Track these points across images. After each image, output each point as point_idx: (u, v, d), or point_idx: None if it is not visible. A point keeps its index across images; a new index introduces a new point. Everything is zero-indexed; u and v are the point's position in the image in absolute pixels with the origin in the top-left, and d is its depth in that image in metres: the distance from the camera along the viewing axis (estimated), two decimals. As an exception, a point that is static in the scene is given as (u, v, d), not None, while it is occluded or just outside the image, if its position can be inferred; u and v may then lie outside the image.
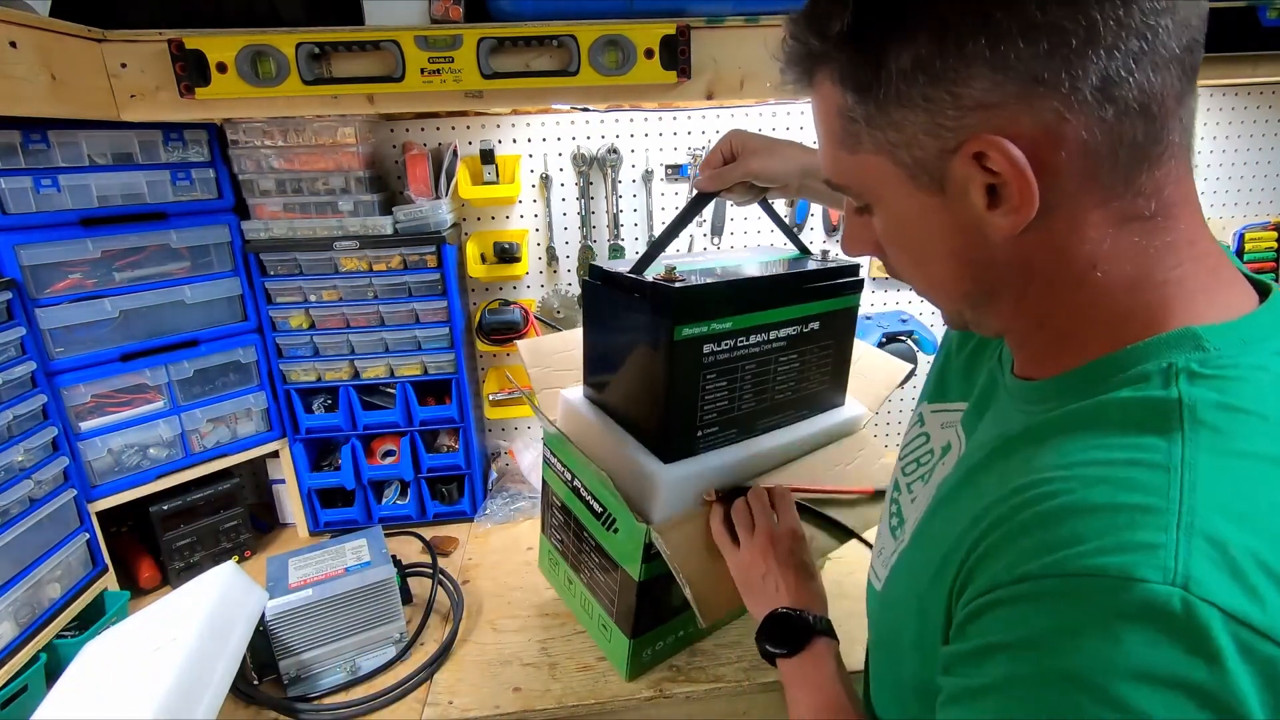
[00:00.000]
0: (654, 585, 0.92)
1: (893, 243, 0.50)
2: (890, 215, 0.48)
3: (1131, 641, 0.33)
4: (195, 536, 1.26)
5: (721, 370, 0.87)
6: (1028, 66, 0.38)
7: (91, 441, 1.13)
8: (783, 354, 0.93)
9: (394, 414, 1.35)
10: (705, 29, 1.00)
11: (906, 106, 0.41)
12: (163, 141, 1.14)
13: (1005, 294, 0.46)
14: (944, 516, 0.50)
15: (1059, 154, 0.39)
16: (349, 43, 0.96)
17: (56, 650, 1.01)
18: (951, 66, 0.39)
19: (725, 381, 0.88)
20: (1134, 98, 0.38)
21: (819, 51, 0.45)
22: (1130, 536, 0.34)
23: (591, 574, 1.01)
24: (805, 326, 0.93)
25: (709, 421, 0.88)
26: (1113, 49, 0.37)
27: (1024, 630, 0.37)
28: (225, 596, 0.95)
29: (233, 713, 0.96)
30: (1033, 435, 0.44)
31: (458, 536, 1.38)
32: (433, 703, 0.98)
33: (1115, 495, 0.36)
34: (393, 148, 1.38)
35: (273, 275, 1.27)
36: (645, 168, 1.43)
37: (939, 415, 0.64)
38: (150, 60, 0.96)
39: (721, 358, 0.86)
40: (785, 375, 0.94)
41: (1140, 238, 0.42)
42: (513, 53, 0.99)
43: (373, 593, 1.02)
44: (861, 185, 0.48)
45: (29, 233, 1.02)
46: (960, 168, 0.41)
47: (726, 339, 0.85)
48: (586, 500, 0.97)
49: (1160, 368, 0.40)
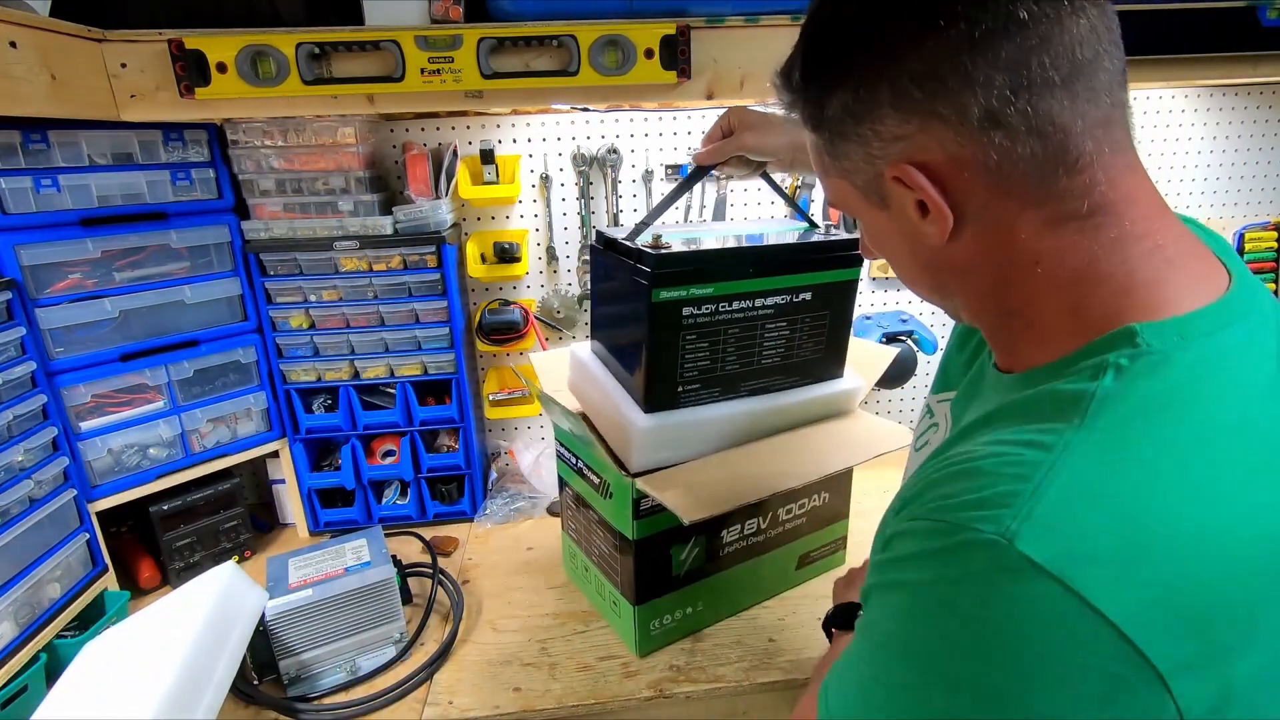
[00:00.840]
0: (650, 546, 0.99)
1: (877, 248, 0.58)
2: (865, 227, 0.57)
3: (949, 577, 0.41)
4: (195, 536, 1.26)
5: (702, 332, 0.93)
6: (924, 105, 0.45)
7: (91, 441, 1.13)
8: (770, 321, 0.98)
9: (394, 414, 1.35)
10: (705, 29, 1.00)
11: (846, 140, 0.50)
12: (163, 141, 1.14)
13: (960, 290, 0.53)
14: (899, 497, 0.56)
15: (962, 174, 0.46)
16: (349, 43, 0.96)
17: (56, 650, 1.01)
18: (867, 109, 0.47)
19: (706, 343, 0.94)
20: (1020, 123, 0.43)
21: (788, 100, 0.54)
22: (988, 498, 0.40)
23: (600, 552, 1.08)
24: (795, 296, 0.98)
25: (690, 379, 0.95)
26: (988, 85, 0.43)
27: (903, 552, 0.45)
28: (225, 596, 0.95)
29: (233, 713, 0.96)
30: (989, 419, 0.49)
31: (458, 536, 1.38)
32: (433, 703, 0.98)
33: (998, 467, 0.42)
34: (393, 148, 1.38)
35: (273, 275, 1.27)
36: (645, 168, 1.43)
37: (942, 405, 0.69)
38: (150, 60, 0.96)
39: (702, 320, 0.92)
40: (773, 341, 0.99)
41: (1080, 235, 0.46)
42: (513, 53, 0.99)
43: (373, 593, 1.02)
44: (842, 203, 0.56)
45: (29, 233, 1.02)
46: (891, 188, 0.49)
47: (707, 303, 0.92)
48: (588, 476, 1.06)
49: (1094, 363, 0.44)
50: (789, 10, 1.00)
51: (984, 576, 0.39)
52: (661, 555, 1.01)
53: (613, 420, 0.99)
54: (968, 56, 0.43)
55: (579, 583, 1.20)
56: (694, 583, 1.05)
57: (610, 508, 1.01)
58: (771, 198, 1.48)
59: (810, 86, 0.51)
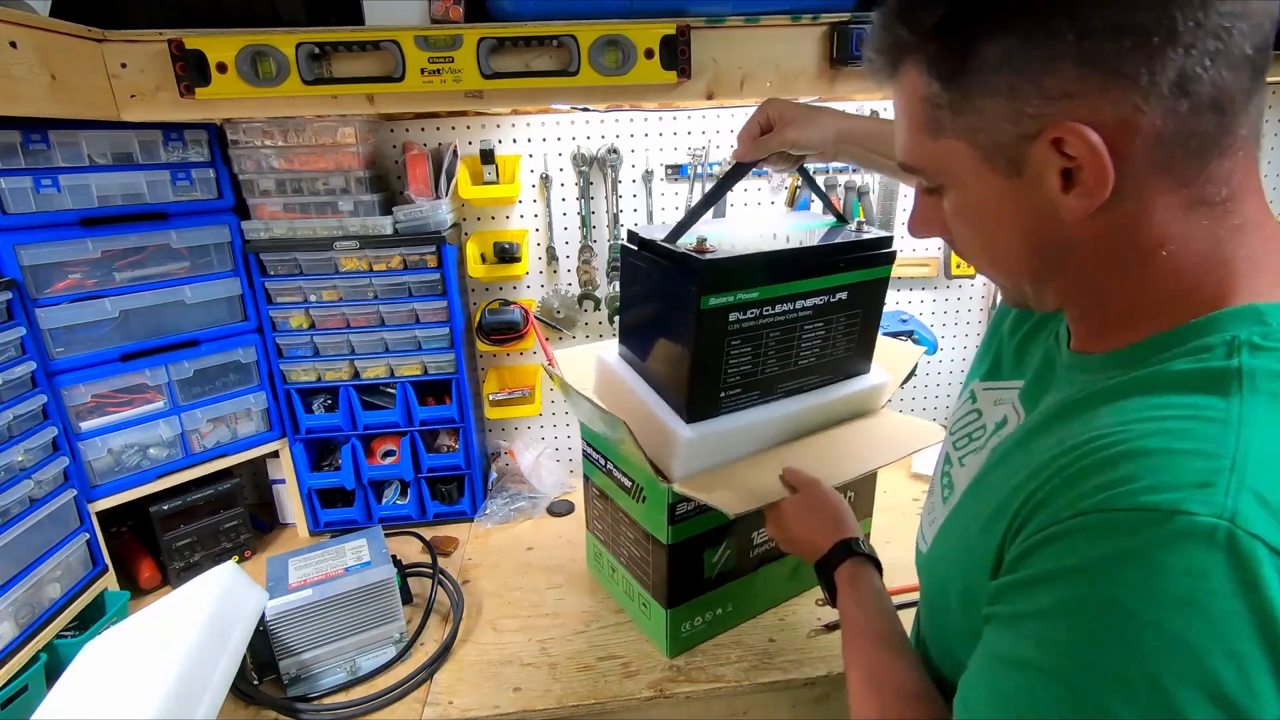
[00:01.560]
0: (683, 550, 0.98)
1: (964, 223, 0.52)
2: (965, 197, 0.50)
3: (1173, 570, 0.35)
4: (195, 536, 1.26)
5: (746, 337, 0.91)
6: (1111, 62, 0.40)
7: (91, 441, 1.13)
8: (808, 322, 0.96)
9: (394, 414, 1.35)
10: (705, 29, 1.00)
11: (991, 95, 0.44)
12: (163, 141, 1.14)
13: (1070, 271, 0.49)
14: (998, 475, 0.53)
15: (1134, 143, 0.42)
16: (349, 43, 0.96)
17: (56, 650, 1.01)
18: (1040, 60, 0.42)
19: (750, 347, 0.92)
20: (1207, 93, 0.40)
21: (907, 42, 0.48)
22: (1181, 476, 0.37)
23: (629, 553, 1.08)
24: (833, 296, 0.97)
25: (732, 384, 0.93)
26: (1190, 48, 0.39)
27: (1072, 560, 0.39)
28: (225, 596, 0.95)
29: (233, 713, 0.96)
30: (1091, 400, 0.47)
31: (458, 536, 1.38)
32: (433, 703, 0.98)
33: (1171, 442, 0.39)
34: (393, 148, 1.38)
35: (273, 275, 1.27)
36: (645, 168, 1.43)
37: (991, 393, 0.67)
38: (150, 60, 0.95)
39: (747, 325, 0.91)
40: (810, 342, 0.98)
41: (1209, 221, 0.44)
42: (513, 53, 0.99)
43: (373, 593, 1.02)
44: (939, 168, 0.50)
45: (29, 233, 1.02)
46: (1039, 152, 0.44)
47: (752, 308, 0.89)
48: (619, 479, 1.06)
49: (1224, 340, 0.43)
50: (789, 10, 1.00)
51: (1210, 562, 0.35)
52: (694, 558, 1.00)
53: (651, 429, 0.95)
54: (1179, 10, 0.39)
55: (605, 582, 1.20)
56: (725, 584, 1.05)
57: (643, 511, 1.01)
58: (772, 200, 1.48)
59: (957, 29, 0.45)
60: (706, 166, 1.43)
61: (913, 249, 1.54)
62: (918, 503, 1.39)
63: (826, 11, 1.00)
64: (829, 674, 1.00)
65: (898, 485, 1.51)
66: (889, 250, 0.98)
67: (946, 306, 1.59)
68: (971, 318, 1.60)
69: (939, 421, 1.65)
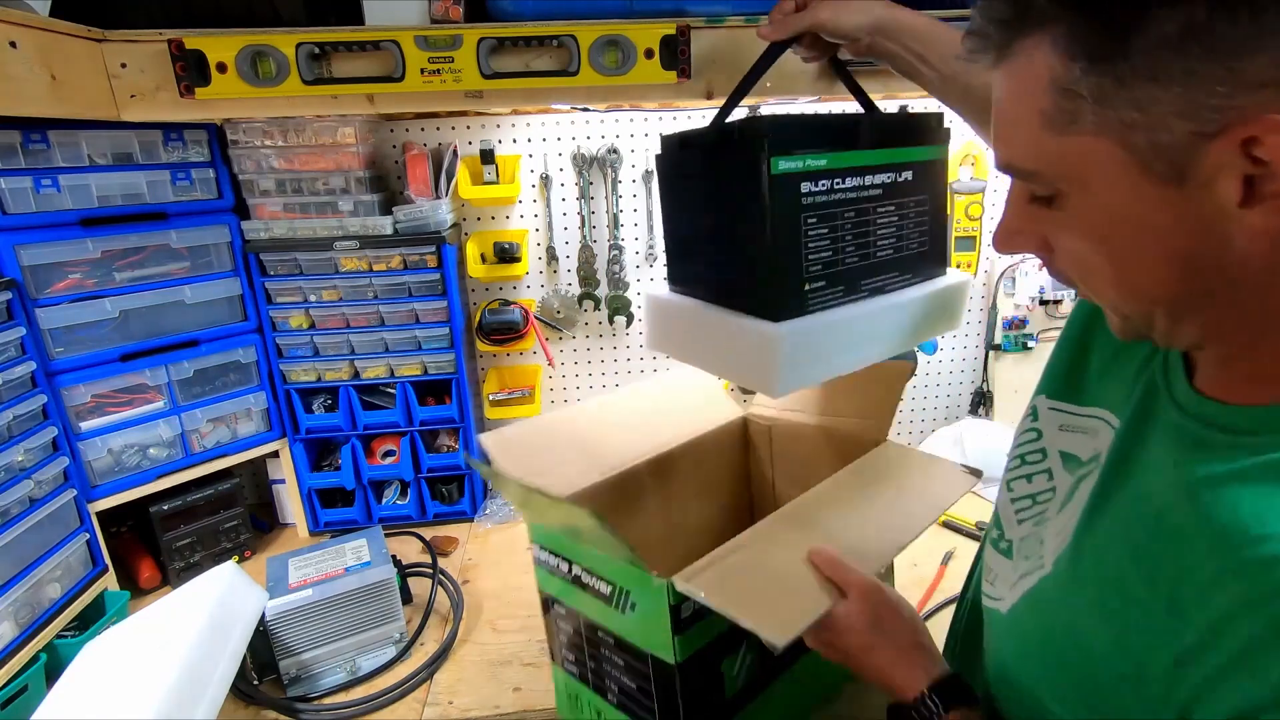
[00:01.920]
0: (696, 667, 0.72)
1: (1087, 239, 0.43)
2: (1096, 206, 0.41)
3: None
4: (195, 536, 1.26)
5: (821, 215, 0.78)
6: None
7: (91, 441, 1.13)
8: (880, 204, 0.84)
9: (394, 414, 1.35)
10: (705, 29, 1.00)
11: (1159, 81, 0.36)
12: (163, 141, 1.14)
13: (1225, 303, 0.41)
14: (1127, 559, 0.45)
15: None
16: (349, 43, 0.96)
17: (56, 650, 1.01)
18: (1237, 36, 0.34)
19: (826, 229, 0.79)
20: None
21: (1042, 11, 0.39)
22: None
23: (620, 686, 0.80)
24: (899, 175, 0.84)
25: (814, 275, 0.79)
26: None
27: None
28: (225, 596, 0.95)
29: (233, 713, 0.96)
30: (1247, 478, 0.39)
31: (458, 536, 1.38)
32: (433, 703, 0.98)
33: None
34: (393, 148, 1.38)
35: (273, 275, 1.27)
36: (645, 168, 1.43)
37: (1059, 416, 0.59)
38: (150, 60, 0.95)
39: (820, 199, 0.77)
40: (885, 229, 0.85)
41: None
42: (513, 53, 0.99)
43: (373, 593, 1.02)
44: (1064, 172, 0.41)
45: (29, 233, 1.02)
46: (1217, 154, 0.36)
47: (823, 178, 0.77)
48: (592, 587, 0.78)
49: None
50: (789, 10, 1.00)
51: None
52: (712, 675, 0.75)
53: (736, 347, 0.81)
54: None
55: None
56: (750, 701, 0.80)
57: (633, 624, 0.74)
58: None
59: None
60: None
61: (913, 249, 1.54)
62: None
63: (826, 11, 1.00)
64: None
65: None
66: (944, 127, 0.88)
67: (946, 306, 1.59)
68: (971, 318, 1.60)
69: (939, 422, 1.66)
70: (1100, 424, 0.55)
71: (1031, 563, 0.54)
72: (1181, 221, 0.39)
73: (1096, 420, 0.55)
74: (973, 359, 1.63)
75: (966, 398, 1.65)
